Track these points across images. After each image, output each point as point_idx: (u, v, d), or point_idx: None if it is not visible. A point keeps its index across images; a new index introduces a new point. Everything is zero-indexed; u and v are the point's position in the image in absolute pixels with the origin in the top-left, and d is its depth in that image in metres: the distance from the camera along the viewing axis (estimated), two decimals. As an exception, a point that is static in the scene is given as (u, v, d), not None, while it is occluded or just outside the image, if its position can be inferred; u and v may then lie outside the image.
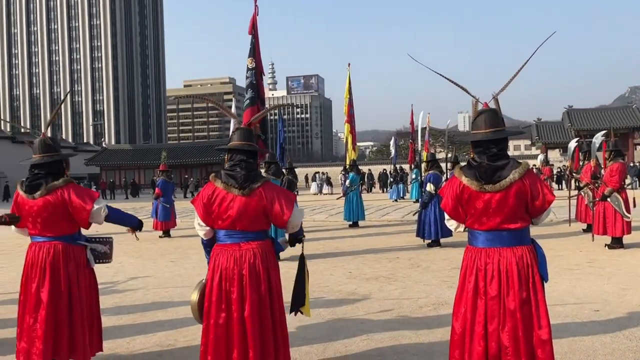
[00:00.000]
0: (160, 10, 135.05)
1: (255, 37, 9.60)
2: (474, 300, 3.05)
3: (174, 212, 13.25)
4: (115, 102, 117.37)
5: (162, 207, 12.78)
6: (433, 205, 9.62)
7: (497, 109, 3.14)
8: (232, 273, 3.24)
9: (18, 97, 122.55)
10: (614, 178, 8.87)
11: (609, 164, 9.15)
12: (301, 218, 3.45)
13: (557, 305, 5.34)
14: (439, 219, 9.50)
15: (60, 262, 3.69)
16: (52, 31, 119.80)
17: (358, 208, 13.74)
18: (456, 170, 3.13)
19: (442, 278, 7.04)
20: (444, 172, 10.32)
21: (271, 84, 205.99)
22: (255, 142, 3.53)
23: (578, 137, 16.08)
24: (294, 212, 3.32)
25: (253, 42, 9.62)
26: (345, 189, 14.27)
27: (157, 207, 12.89)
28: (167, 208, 12.80)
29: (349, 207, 13.79)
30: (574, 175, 12.20)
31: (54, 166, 3.79)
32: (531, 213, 3.08)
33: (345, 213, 13.97)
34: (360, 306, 5.73)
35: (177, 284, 7.18)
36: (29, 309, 3.67)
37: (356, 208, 13.71)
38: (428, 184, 9.83)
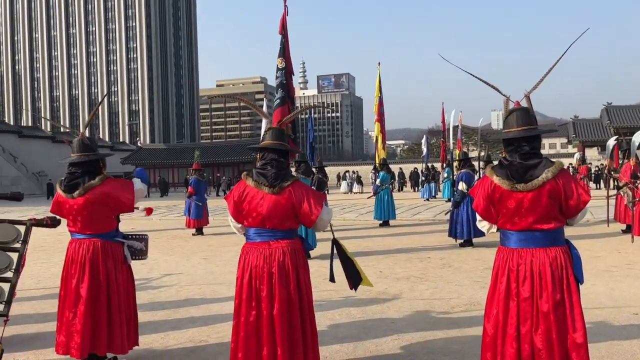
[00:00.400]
0: (193, 12, 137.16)
1: (285, 37, 9.68)
2: (506, 302, 3.01)
3: (207, 210, 13.45)
4: (150, 102, 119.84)
5: (195, 205, 12.99)
6: (465, 204, 9.52)
7: (529, 107, 3.08)
8: (262, 271, 3.28)
9: (58, 98, 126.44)
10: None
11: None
12: (329, 218, 3.47)
13: (594, 308, 5.21)
14: (471, 219, 9.38)
15: (100, 259, 3.82)
16: (90, 33, 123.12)
17: (389, 207, 13.67)
18: (487, 170, 3.09)
19: (474, 278, 6.95)
20: (476, 171, 10.19)
21: (302, 83, 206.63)
22: (287, 142, 3.58)
23: (617, 134, 15.57)
24: (323, 212, 3.35)
25: (283, 42, 9.70)
26: (376, 188, 14.22)
27: (190, 205, 13.10)
28: (200, 206, 12.99)
29: (380, 206, 13.73)
30: (612, 174, 11.85)
31: (90, 165, 3.91)
32: (566, 213, 3.01)
33: (376, 212, 13.91)
34: (391, 306, 5.71)
35: (209, 281, 7.30)
36: (68, 304, 3.80)
37: (387, 207, 13.64)
38: (460, 182, 9.72)
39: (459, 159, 10.31)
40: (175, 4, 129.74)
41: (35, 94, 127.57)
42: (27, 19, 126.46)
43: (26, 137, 48.34)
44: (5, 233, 3.71)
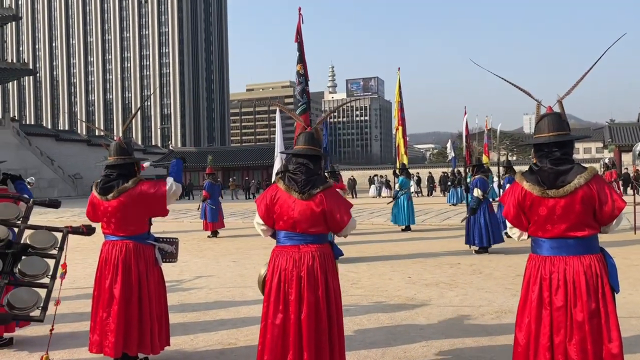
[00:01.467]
0: (224, 17, 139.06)
1: (301, 44, 9.85)
2: (539, 311, 2.94)
3: (222, 213, 13.73)
4: (181, 107, 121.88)
5: (210, 208, 13.32)
6: (482, 210, 9.46)
7: (562, 112, 3.02)
8: (291, 275, 3.30)
9: (93, 102, 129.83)
10: None
11: None
12: (354, 226, 3.48)
13: (631, 318, 5.06)
14: (489, 225, 9.36)
15: (132, 260, 3.90)
16: (124, 39, 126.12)
17: (408, 212, 13.67)
18: (517, 176, 3.04)
19: (506, 285, 6.83)
20: (491, 177, 10.08)
21: (331, 86, 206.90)
22: (319, 146, 3.57)
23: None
24: (351, 220, 3.39)
25: (300, 50, 9.89)
26: (396, 192, 14.22)
27: (206, 208, 13.38)
28: (214, 209, 13.32)
29: (398, 210, 13.76)
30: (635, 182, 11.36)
31: (126, 168, 4.02)
32: (600, 220, 2.93)
33: (393, 216, 13.94)
34: (419, 312, 5.65)
35: (238, 283, 7.37)
36: (102, 304, 3.90)
37: (407, 212, 13.63)
38: (475, 189, 9.63)
39: (472, 165, 10.26)
40: (207, 10, 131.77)
41: (71, 99, 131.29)
42: (65, 27, 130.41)
43: (63, 141, 49.78)
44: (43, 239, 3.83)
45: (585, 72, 3.07)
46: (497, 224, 9.66)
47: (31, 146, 43.99)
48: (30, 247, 3.82)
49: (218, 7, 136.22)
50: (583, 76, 3.08)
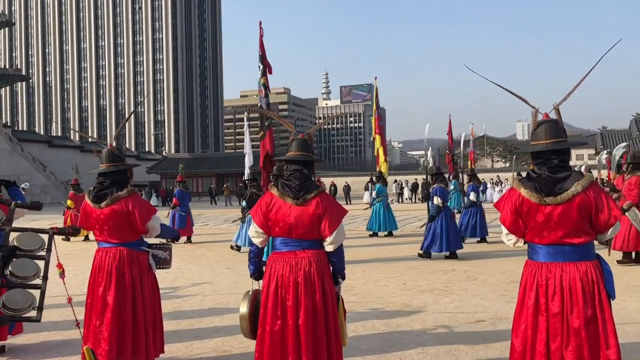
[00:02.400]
0: (218, 24, 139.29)
1: (264, 56, 10.05)
2: (535, 317, 2.95)
3: (191, 220, 13.94)
4: (175, 113, 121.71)
5: (179, 215, 13.51)
6: (440, 218, 9.70)
7: (559, 119, 3.04)
8: (288, 280, 3.29)
9: (86, 109, 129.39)
10: (633, 192, 8.45)
11: (627, 177, 8.63)
12: (342, 238, 3.43)
13: (625, 325, 5.06)
14: (444, 232, 9.63)
15: (126, 267, 3.87)
16: (118, 46, 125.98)
17: (387, 219, 13.83)
18: (515, 182, 3.05)
19: (500, 292, 6.83)
20: (447, 186, 10.52)
21: (325, 93, 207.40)
22: (312, 152, 3.58)
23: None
24: (337, 231, 3.34)
25: (263, 62, 10.07)
26: (372, 200, 14.44)
27: (175, 215, 13.58)
28: (183, 216, 13.52)
29: (376, 218, 13.95)
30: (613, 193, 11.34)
31: (118, 175, 4.00)
32: (596, 228, 2.94)
33: (369, 223, 14.12)
34: (415, 319, 5.64)
35: (232, 290, 7.33)
36: (95, 311, 3.86)
37: (384, 219, 13.81)
38: (435, 197, 9.86)
39: (432, 174, 10.46)
40: (201, 16, 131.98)
41: (64, 105, 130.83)
42: (58, 32, 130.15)
43: (55, 147, 49.58)
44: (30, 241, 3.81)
45: (581, 79, 3.08)
46: (455, 232, 9.97)
47: (23, 152, 43.76)
48: (18, 249, 3.81)
49: (212, 13, 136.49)
50: (579, 83, 3.10)
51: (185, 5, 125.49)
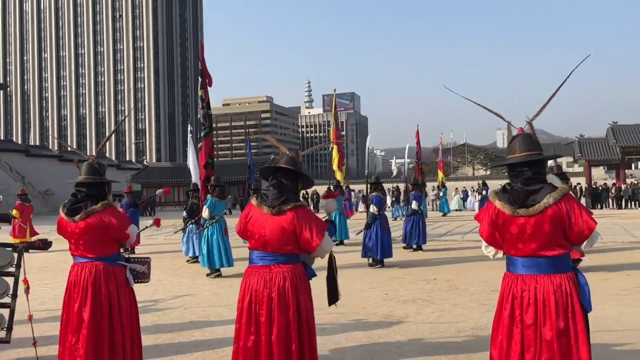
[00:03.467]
0: (200, 32, 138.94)
1: (204, 71, 10.29)
2: (510, 328, 2.99)
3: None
4: (156, 121, 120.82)
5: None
6: (375, 226, 10.01)
7: (532, 133, 3.10)
8: (262, 295, 3.27)
9: (65, 117, 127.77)
10: None
11: None
12: (330, 248, 3.47)
13: (603, 333, 5.13)
14: (380, 240, 9.96)
15: (102, 282, 3.80)
16: (98, 54, 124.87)
17: (341, 227, 13.93)
18: (491, 195, 3.09)
19: (481, 301, 6.87)
20: (385, 195, 10.84)
21: (307, 102, 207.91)
22: (297, 167, 3.54)
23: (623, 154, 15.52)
24: (324, 241, 3.34)
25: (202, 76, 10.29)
26: None
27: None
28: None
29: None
30: None
31: (95, 188, 3.94)
32: (570, 240, 2.97)
33: None
34: (397, 329, 5.64)
35: (214, 303, 7.26)
36: (71, 328, 3.78)
37: (339, 228, 13.89)
38: (371, 205, 10.19)
39: (370, 183, 10.74)
40: (182, 25, 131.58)
41: (43, 113, 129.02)
42: (37, 40, 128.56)
43: (33, 156, 48.69)
44: None
45: (552, 94, 3.16)
46: (388, 240, 10.25)
47: (0, 162, 42.91)
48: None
49: (194, 21, 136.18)
50: (550, 98, 3.17)
51: (167, 13, 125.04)
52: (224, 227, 9.64)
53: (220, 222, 9.64)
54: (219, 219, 9.60)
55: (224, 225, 9.69)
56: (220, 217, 9.68)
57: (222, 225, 9.65)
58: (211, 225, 9.55)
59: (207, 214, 9.61)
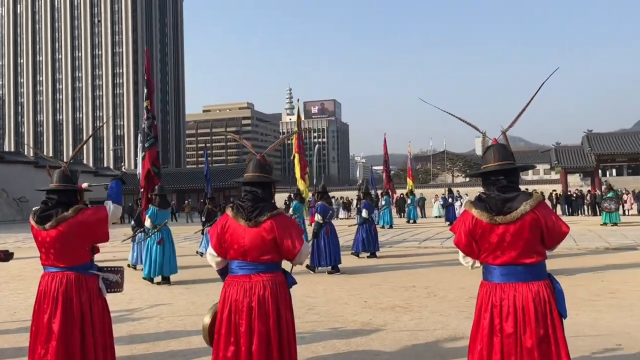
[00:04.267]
0: (180, 38, 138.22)
1: (149, 82, 10.39)
2: (490, 338, 2.98)
3: None
4: (135, 128, 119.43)
5: None
6: (322, 234, 10.24)
7: (506, 143, 3.14)
8: (242, 305, 3.22)
9: (42, 123, 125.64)
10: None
11: None
12: (308, 252, 3.45)
13: (577, 339, 5.18)
14: (329, 247, 10.19)
15: (73, 292, 3.70)
16: (76, 59, 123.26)
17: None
18: (467, 204, 3.11)
19: (459, 308, 6.90)
20: (332, 204, 11.15)
21: (288, 108, 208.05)
22: (269, 173, 3.53)
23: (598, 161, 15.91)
24: (303, 246, 3.32)
25: (148, 87, 10.38)
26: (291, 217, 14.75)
27: None
28: None
29: None
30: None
31: (66, 196, 3.85)
32: (547, 245, 3.03)
33: None
34: (375, 337, 5.63)
35: (191, 312, 7.16)
36: (40, 339, 3.68)
37: None
38: (316, 214, 10.41)
39: (317, 192, 10.95)
40: (162, 30, 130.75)
41: (18, 119, 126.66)
42: (13, 44, 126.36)
43: (8, 162, 47.68)
44: None
45: (524, 106, 3.22)
46: (336, 247, 10.45)
47: (-27, 168, 41.93)
48: None
49: (174, 27, 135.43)
50: (523, 109, 3.22)
51: (147, 19, 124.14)
52: (165, 236, 9.77)
53: (163, 230, 9.77)
54: (161, 228, 9.73)
55: (167, 234, 9.83)
56: (163, 226, 9.79)
57: (164, 233, 9.78)
58: (154, 234, 9.66)
59: (149, 223, 9.85)
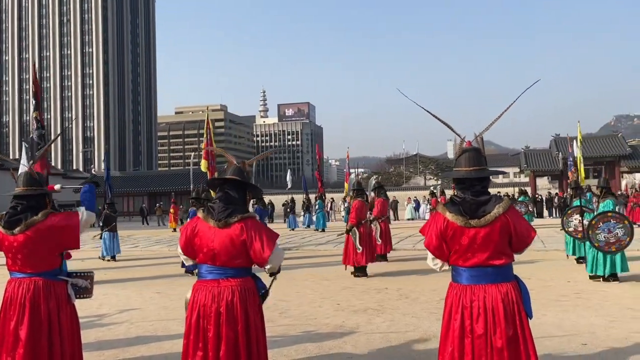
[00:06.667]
0: (152, 39, 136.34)
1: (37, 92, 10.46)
2: (461, 339, 3.02)
3: None
4: (105, 129, 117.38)
5: None
6: None
7: (480, 147, 3.19)
8: (210, 310, 3.19)
9: (7, 124, 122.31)
10: (352, 215, 10.15)
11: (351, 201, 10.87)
12: (281, 258, 3.42)
13: (544, 339, 5.30)
14: None
15: (41, 299, 3.62)
16: (43, 59, 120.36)
17: None
18: (440, 207, 3.15)
19: (430, 310, 6.98)
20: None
21: (262, 111, 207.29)
22: (246, 178, 3.50)
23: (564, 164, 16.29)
24: (274, 252, 3.28)
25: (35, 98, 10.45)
26: None
27: None
28: None
29: None
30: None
31: (35, 200, 3.76)
32: (514, 248, 3.11)
33: None
34: (347, 340, 5.65)
35: (162, 317, 7.06)
36: (6, 347, 3.58)
37: None
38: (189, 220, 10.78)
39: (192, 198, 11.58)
40: (134, 31, 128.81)
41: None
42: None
43: (-29, 165, 46.18)
44: None
45: (501, 112, 3.29)
46: None
47: None
48: None
49: (146, 27, 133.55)
50: (499, 115, 3.29)
51: (117, 19, 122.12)
52: None
53: None
54: None
55: None
56: None
57: None
58: None
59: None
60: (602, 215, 8.16)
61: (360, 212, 10.13)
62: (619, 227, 7.93)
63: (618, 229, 7.92)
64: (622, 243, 7.95)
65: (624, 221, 8.08)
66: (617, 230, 7.93)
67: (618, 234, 7.92)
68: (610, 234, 7.92)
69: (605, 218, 8.04)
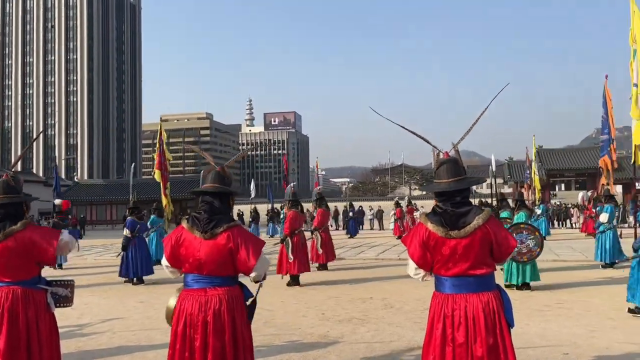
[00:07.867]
0: (138, 46, 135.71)
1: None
2: (442, 348, 3.04)
3: None
4: (89, 137, 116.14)
5: None
6: (131, 247, 11.10)
7: (458, 158, 3.23)
8: (197, 319, 3.17)
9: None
10: (286, 225, 10.60)
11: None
12: (267, 266, 3.40)
13: (527, 348, 5.35)
14: (137, 258, 11.02)
15: (20, 308, 3.56)
16: (27, 64, 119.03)
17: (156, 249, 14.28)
18: (422, 217, 3.18)
19: (415, 319, 7.00)
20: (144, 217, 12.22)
21: (248, 119, 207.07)
22: (228, 185, 3.50)
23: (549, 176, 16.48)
24: (260, 261, 3.27)
25: None
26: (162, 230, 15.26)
27: None
28: None
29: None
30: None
31: (13, 208, 3.70)
32: (496, 258, 3.14)
33: None
34: (332, 350, 5.64)
35: (145, 326, 6.98)
36: (-17, 357, 3.51)
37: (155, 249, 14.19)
38: (125, 229, 11.30)
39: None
40: (120, 38, 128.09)
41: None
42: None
43: (-49, 171, 45.41)
44: None
45: (474, 121, 3.34)
46: (147, 257, 11.27)
47: None
48: None
49: (132, 34, 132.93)
50: (473, 125, 3.34)
51: (103, 25, 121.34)
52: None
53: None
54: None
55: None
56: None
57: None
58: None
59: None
60: (515, 227, 8.49)
61: (294, 222, 10.45)
62: (530, 238, 8.24)
63: (529, 240, 8.23)
64: (532, 253, 8.27)
65: (535, 232, 8.43)
66: (529, 241, 8.24)
67: (529, 244, 8.23)
68: (522, 244, 8.19)
69: (518, 229, 8.36)
